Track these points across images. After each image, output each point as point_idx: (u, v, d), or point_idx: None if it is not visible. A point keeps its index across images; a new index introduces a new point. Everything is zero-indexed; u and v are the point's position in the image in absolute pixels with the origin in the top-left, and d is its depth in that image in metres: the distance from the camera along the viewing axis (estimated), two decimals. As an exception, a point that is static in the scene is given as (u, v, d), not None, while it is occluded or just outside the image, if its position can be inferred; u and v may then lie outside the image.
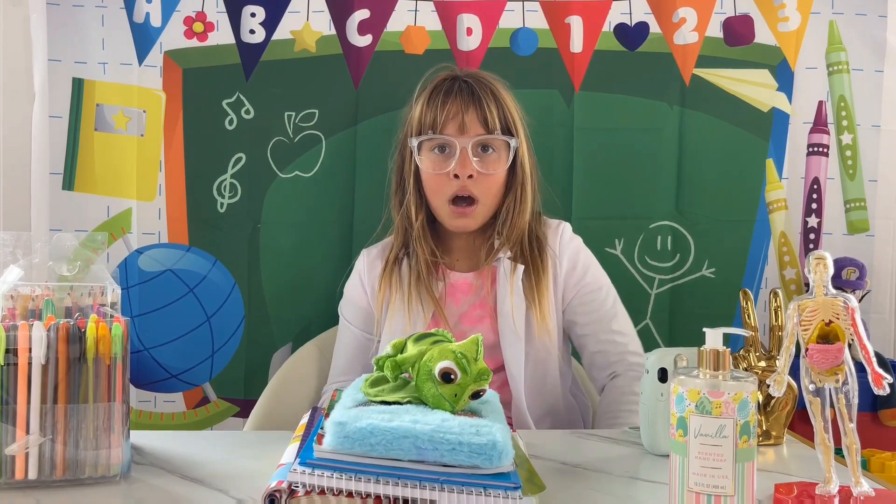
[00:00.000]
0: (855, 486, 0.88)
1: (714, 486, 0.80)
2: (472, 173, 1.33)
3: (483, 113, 1.33)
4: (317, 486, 0.76)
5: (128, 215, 1.73)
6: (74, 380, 0.92)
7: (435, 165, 1.35)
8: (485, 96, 1.34)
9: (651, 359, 1.09)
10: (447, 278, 1.40)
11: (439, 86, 1.36)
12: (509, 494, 0.75)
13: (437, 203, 1.38)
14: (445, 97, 1.34)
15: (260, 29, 1.74)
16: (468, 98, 1.33)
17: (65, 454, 0.91)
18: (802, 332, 0.89)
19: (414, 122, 1.38)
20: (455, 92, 1.34)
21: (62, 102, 1.71)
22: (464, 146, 1.32)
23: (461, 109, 1.33)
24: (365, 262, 1.47)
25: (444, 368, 0.85)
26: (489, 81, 1.38)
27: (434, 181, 1.36)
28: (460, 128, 1.33)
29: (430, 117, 1.34)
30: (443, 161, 1.35)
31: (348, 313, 1.49)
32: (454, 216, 1.37)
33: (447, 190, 1.35)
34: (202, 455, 1.05)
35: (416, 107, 1.39)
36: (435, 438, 0.76)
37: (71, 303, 1.01)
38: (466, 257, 1.44)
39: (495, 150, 1.36)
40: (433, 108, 1.34)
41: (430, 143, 1.35)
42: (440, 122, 1.33)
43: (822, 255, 0.90)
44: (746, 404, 0.80)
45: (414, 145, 1.36)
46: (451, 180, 1.34)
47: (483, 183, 1.35)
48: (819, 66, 1.78)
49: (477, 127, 1.34)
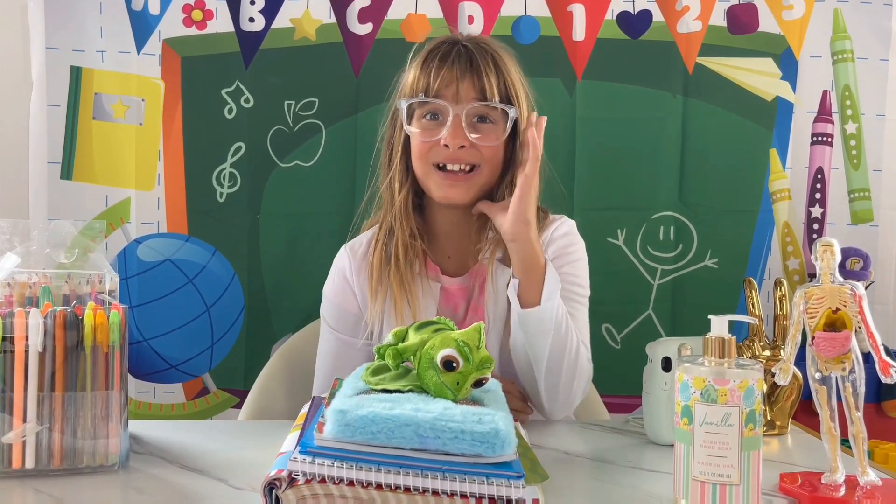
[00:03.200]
0: (861, 476, 0.87)
1: (719, 474, 0.79)
2: (464, 143, 1.19)
3: (481, 81, 1.20)
4: (317, 474, 0.75)
5: (126, 205, 1.72)
6: (72, 368, 0.91)
7: (424, 132, 1.22)
8: (484, 64, 1.21)
9: (655, 348, 1.09)
10: (441, 281, 1.27)
11: (436, 49, 1.24)
12: (512, 483, 0.75)
13: (423, 170, 1.23)
14: (441, 62, 1.21)
15: (259, 17, 1.73)
16: (466, 64, 1.21)
17: (62, 443, 0.90)
18: (809, 320, 0.88)
19: (407, 85, 1.25)
20: (453, 57, 1.21)
21: (60, 91, 1.69)
22: (457, 113, 1.19)
23: (457, 76, 1.20)
24: (351, 265, 1.31)
25: (446, 356, 0.84)
26: (492, 48, 1.25)
27: (422, 147, 1.22)
28: (454, 95, 1.20)
29: (423, 82, 1.21)
30: (434, 128, 1.21)
31: (334, 320, 1.31)
32: (445, 183, 1.22)
33: (434, 157, 1.22)
34: (201, 444, 1.04)
35: (409, 70, 1.26)
36: (437, 427, 0.75)
37: (69, 291, 1.00)
38: (457, 256, 1.30)
39: (493, 122, 1.22)
40: (427, 72, 1.21)
41: (421, 108, 1.22)
42: (433, 87, 1.20)
43: (830, 242, 0.89)
44: (752, 392, 0.79)
45: (403, 107, 1.22)
46: (441, 149, 1.21)
47: (480, 152, 1.21)
48: (823, 54, 1.77)
49: (473, 95, 1.20)
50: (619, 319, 1.78)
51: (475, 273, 1.28)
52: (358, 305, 1.29)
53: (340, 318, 1.30)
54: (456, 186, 1.22)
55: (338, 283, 1.31)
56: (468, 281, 1.28)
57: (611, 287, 1.70)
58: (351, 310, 1.30)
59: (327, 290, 1.33)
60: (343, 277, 1.31)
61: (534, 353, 1.16)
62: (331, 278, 1.34)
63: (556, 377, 1.17)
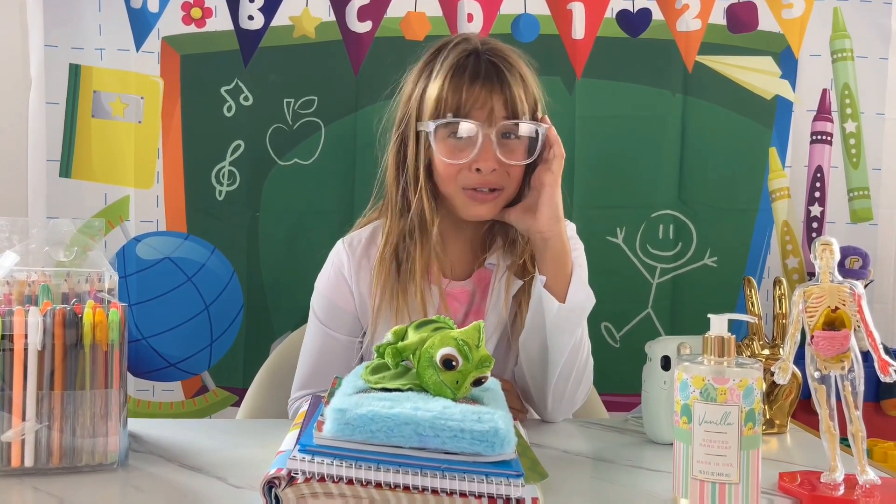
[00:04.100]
0: (861, 475, 0.87)
1: (719, 473, 0.79)
2: (495, 167, 1.15)
3: (512, 100, 1.15)
4: (316, 473, 0.74)
5: (125, 203, 1.72)
6: (71, 366, 0.91)
7: (452, 153, 1.16)
8: (514, 80, 1.16)
9: (654, 347, 1.09)
10: (442, 286, 1.24)
11: (461, 63, 1.17)
12: (511, 482, 0.74)
13: (451, 191, 1.19)
14: (472, 80, 1.15)
15: (258, 15, 1.72)
16: (497, 82, 1.15)
17: (61, 441, 0.90)
18: (808, 319, 0.88)
19: (430, 102, 1.17)
20: (483, 74, 1.16)
21: (59, 89, 1.69)
22: (487, 134, 1.14)
23: (490, 96, 1.14)
24: (349, 262, 1.26)
25: (446, 355, 0.84)
26: (515, 60, 1.20)
27: (449, 170, 1.17)
28: (487, 116, 1.15)
29: (452, 101, 1.15)
30: (463, 149, 1.15)
31: (325, 315, 1.27)
32: (473, 203, 1.18)
33: (464, 180, 1.17)
34: (200, 443, 1.04)
35: (432, 84, 1.18)
36: (436, 425, 0.75)
37: (68, 289, 1.00)
38: (461, 260, 1.27)
39: (518, 137, 1.17)
40: (455, 90, 1.15)
41: (446, 128, 1.16)
42: (466, 107, 1.14)
43: (829, 240, 0.89)
44: (751, 391, 0.79)
45: (431, 129, 1.16)
46: (471, 173, 1.16)
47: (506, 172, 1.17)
48: (823, 53, 1.77)
49: (504, 114, 1.15)
50: (618, 318, 1.78)
51: (478, 277, 1.26)
52: (353, 304, 1.26)
53: (332, 313, 1.27)
54: (484, 206, 1.19)
55: (333, 279, 1.28)
56: (470, 285, 1.26)
57: (610, 286, 1.70)
58: (345, 307, 1.26)
59: (321, 284, 1.30)
60: (339, 274, 1.27)
61: (553, 352, 1.16)
62: (325, 273, 1.30)
63: (566, 379, 1.17)
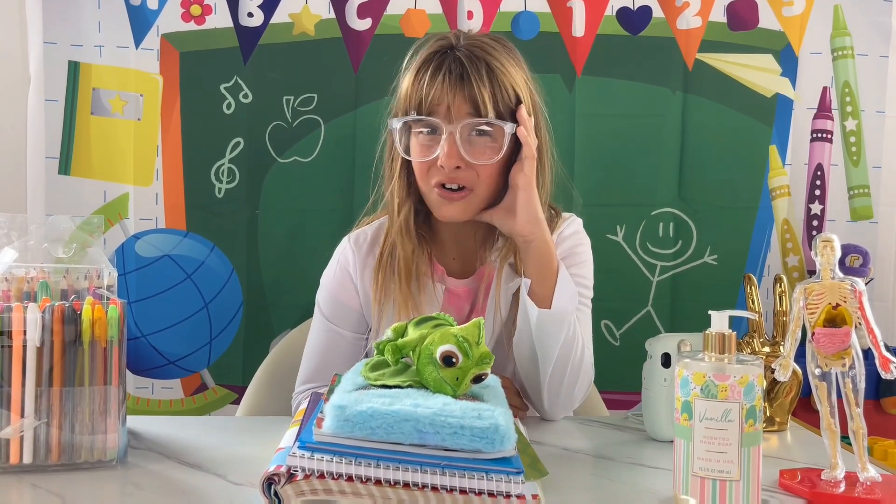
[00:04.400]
0: (861, 472, 0.87)
1: (719, 470, 0.79)
2: (459, 164, 1.13)
3: (473, 96, 1.13)
4: (316, 469, 0.74)
5: (125, 200, 1.71)
6: (70, 363, 0.90)
7: (422, 150, 1.16)
8: (476, 76, 1.13)
9: (654, 344, 1.08)
10: (445, 283, 1.25)
11: (428, 59, 1.16)
12: (511, 479, 0.74)
13: (425, 188, 1.19)
14: (433, 75, 1.14)
15: (258, 12, 1.72)
16: (457, 79, 1.13)
17: (60, 438, 0.90)
18: (809, 316, 0.88)
19: (400, 99, 1.19)
20: (444, 70, 1.14)
21: (58, 86, 1.69)
22: (451, 131, 1.13)
23: (448, 92, 1.13)
24: (355, 259, 1.27)
25: (446, 352, 0.84)
26: (487, 54, 1.16)
27: (421, 167, 1.17)
28: (447, 113, 1.13)
29: (415, 98, 1.15)
30: (431, 145, 1.15)
31: (330, 311, 1.27)
32: (442, 202, 1.17)
33: (433, 176, 1.16)
34: (200, 440, 1.04)
35: (402, 80, 1.19)
36: (436, 422, 0.75)
37: (66, 285, 0.99)
38: (462, 258, 1.27)
39: (491, 137, 1.15)
40: (418, 87, 1.15)
41: (417, 124, 1.16)
42: (426, 103, 1.14)
43: (830, 237, 0.88)
44: (752, 388, 0.79)
45: (396, 127, 1.17)
46: (438, 168, 1.15)
47: (475, 171, 1.15)
48: (823, 51, 1.77)
49: (467, 111, 1.13)
50: (618, 316, 1.78)
51: (481, 275, 1.26)
52: (358, 301, 1.26)
53: (337, 310, 1.27)
54: (453, 205, 1.17)
55: (338, 276, 1.28)
56: (474, 283, 1.26)
57: (610, 284, 1.69)
58: (351, 304, 1.27)
59: (326, 280, 1.30)
60: (345, 272, 1.27)
61: (542, 354, 1.15)
62: (331, 269, 1.30)
63: (559, 379, 1.16)
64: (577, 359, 1.17)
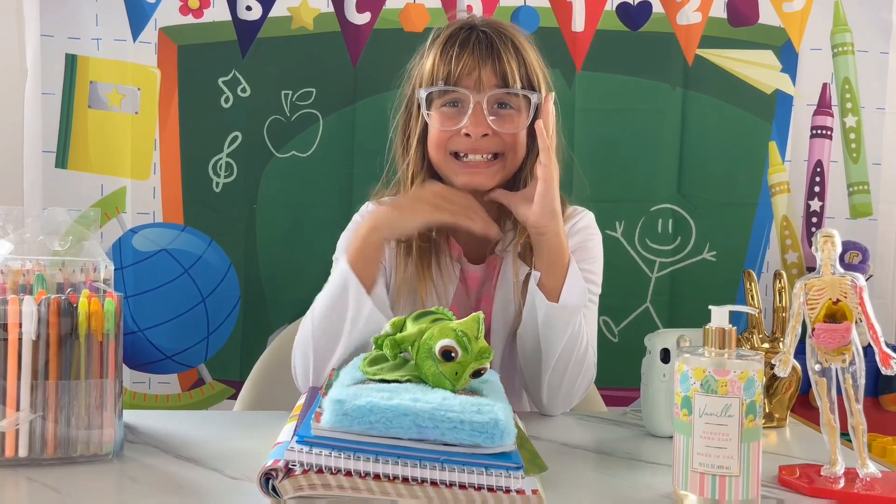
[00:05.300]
0: (861, 468, 0.87)
1: (719, 466, 0.78)
2: (486, 132, 1.17)
3: (502, 67, 1.17)
4: (314, 464, 0.74)
5: (122, 194, 1.71)
6: (66, 356, 0.90)
7: (444, 121, 1.19)
8: (505, 49, 1.18)
9: (653, 339, 1.08)
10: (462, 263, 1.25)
11: (454, 35, 1.20)
12: (511, 474, 0.74)
13: (440, 158, 1.20)
14: (461, 48, 1.17)
15: (256, 5, 1.71)
16: (486, 51, 1.17)
17: (56, 432, 0.89)
18: (809, 312, 0.88)
19: (425, 73, 1.21)
20: (473, 43, 1.18)
21: (55, 79, 1.68)
22: (478, 101, 1.16)
23: (478, 63, 1.16)
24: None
25: (445, 346, 0.84)
26: (511, 32, 1.21)
27: (441, 136, 1.19)
28: (476, 83, 1.16)
29: (443, 69, 1.18)
30: (454, 116, 1.18)
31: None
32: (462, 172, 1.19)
33: (453, 146, 1.19)
34: (196, 434, 1.03)
35: (427, 57, 1.22)
36: (436, 416, 0.74)
37: (63, 279, 0.99)
38: (475, 244, 1.26)
39: (514, 108, 1.19)
40: (446, 60, 1.17)
41: (440, 97, 1.19)
42: (455, 74, 1.17)
43: (831, 232, 0.88)
44: (752, 383, 0.78)
45: (422, 97, 1.19)
46: (461, 138, 1.18)
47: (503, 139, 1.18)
48: (824, 47, 1.76)
49: (495, 82, 1.17)
50: (616, 312, 1.77)
51: (492, 263, 1.26)
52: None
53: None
54: (479, 174, 1.19)
55: None
56: (485, 270, 1.26)
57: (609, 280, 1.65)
58: None
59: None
60: None
61: (546, 348, 1.15)
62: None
63: (561, 374, 1.16)
64: (580, 355, 1.16)
